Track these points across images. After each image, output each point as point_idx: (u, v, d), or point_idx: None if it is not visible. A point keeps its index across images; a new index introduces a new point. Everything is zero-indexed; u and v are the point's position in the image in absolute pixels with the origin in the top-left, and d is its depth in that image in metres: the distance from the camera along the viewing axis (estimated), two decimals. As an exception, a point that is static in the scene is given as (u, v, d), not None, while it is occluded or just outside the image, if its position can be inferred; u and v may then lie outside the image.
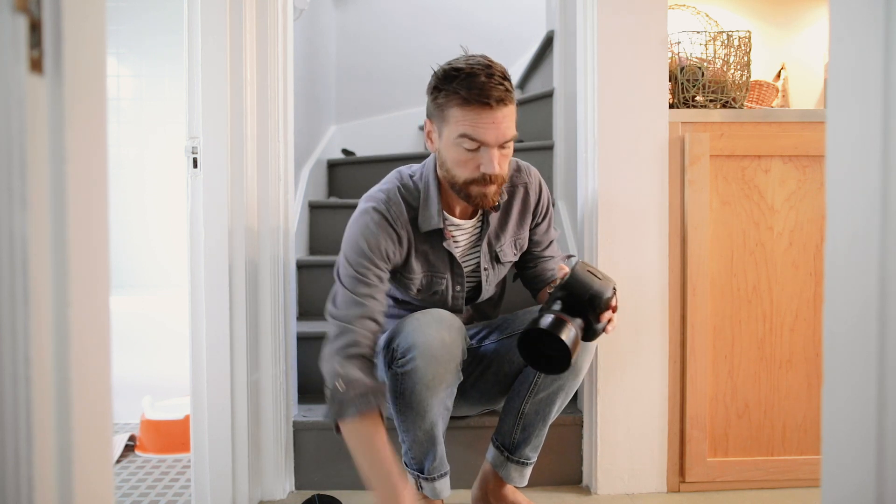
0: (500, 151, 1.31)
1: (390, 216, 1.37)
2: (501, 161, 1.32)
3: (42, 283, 0.54)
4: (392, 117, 3.35)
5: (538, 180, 1.54)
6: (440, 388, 1.30)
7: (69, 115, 0.56)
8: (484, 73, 1.27)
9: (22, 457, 0.53)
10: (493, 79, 1.27)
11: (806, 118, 1.66)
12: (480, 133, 1.28)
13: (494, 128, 1.28)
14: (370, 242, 1.35)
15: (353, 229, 1.38)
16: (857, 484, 0.58)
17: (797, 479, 1.66)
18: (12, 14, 0.52)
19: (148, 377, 2.21)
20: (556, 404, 1.43)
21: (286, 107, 1.69)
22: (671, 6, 1.86)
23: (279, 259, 1.65)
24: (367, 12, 3.43)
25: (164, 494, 1.70)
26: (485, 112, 1.27)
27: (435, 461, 1.39)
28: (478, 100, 1.26)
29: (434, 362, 1.27)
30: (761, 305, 1.66)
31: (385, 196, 1.40)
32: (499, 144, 1.30)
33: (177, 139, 2.56)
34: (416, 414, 1.32)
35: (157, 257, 2.75)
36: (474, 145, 1.29)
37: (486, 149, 1.29)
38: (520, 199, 1.50)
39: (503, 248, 1.49)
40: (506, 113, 1.29)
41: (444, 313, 1.34)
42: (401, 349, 1.31)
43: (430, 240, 1.42)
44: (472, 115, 1.27)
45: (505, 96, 1.28)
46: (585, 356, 1.39)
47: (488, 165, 1.29)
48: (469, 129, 1.28)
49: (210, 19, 1.50)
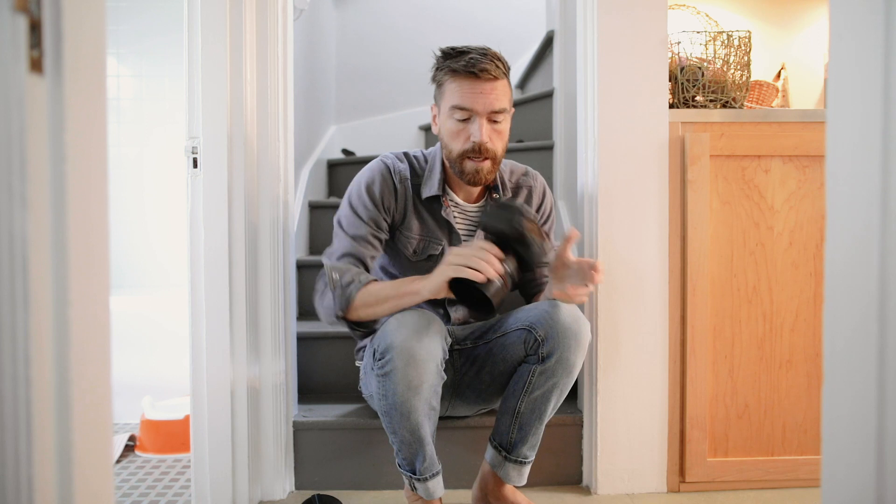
0: (490, 125, 1.41)
1: (393, 170, 1.50)
2: (493, 136, 1.41)
3: (42, 283, 0.54)
4: (392, 117, 3.35)
5: (543, 186, 1.63)
6: (422, 388, 1.31)
7: (69, 115, 0.56)
8: (477, 51, 1.40)
9: (22, 457, 0.53)
10: (485, 56, 1.39)
11: (806, 118, 1.66)
12: (469, 101, 1.39)
13: (483, 97, 1.38)
14: (371, 189, 1.48)
15: (359, 177, 1.52)
16: (857, 484, 0.58)
17: (797, 479, 1.66)
18: (12, 14, 0.52)
19: (148, 377, 2.21)
20: (551, 402, 1.43)
21: (286, 107, 1.69)
22: (671, 6, 1.86)
23: (279, 259, 1.65)
24: (367, 12, 3.43)
25: (164, 494, 1.70)
26: (474, 82, 1.38)
27: (425, 461, 1.39)
28: (465, 69, 1.38)
29: (413, 363, 1.28)
30: (761, 305, 1.66)
31: (394, 156, 1.54)
32: (487, 113, 1.39)
33: (176, 139, 2.56)
34: (401, 415, 1.33)
35: (157, 257, 2.75)
36: (465, 115, 1.40)
37: (476, 118, 1.40)
38: (523, 199, 1.58)
39: None
40: (495, 85, 1.40)
41: (425, 313, 1.35)
42: (379, 350, 1.32)
43: (430, 206, 1.52)
44: (463, 84, 1.39)
45: (494, 71, 1.39)
46: (578, 352, 1.39)
47: (476, 133, 1.39)
48: (458, 99, 1.40)
49: (210, 19, 1.50)
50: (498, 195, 1.54)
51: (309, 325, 1.99)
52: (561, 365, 1.38)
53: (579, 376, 1.70)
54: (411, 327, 1.30)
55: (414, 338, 1.29)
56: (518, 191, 1.59)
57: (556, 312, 1.39)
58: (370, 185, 1.48)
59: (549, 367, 1.39)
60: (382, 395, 1.33)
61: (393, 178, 1.50)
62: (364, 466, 1.68)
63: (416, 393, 1.31)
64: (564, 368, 1.39)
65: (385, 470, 1.67)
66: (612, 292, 1.64)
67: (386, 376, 1.31)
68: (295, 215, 1.87)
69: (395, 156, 1.55)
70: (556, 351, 1.38)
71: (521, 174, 1.61)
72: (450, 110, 1.41)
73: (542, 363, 1.39)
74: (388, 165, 1.51)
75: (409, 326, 1.30)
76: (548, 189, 1.64)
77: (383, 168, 1.50)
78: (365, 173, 1.51)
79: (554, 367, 1.39)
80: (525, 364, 1.43)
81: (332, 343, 1.93)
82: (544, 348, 1.39)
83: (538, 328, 1.39)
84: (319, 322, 2.05)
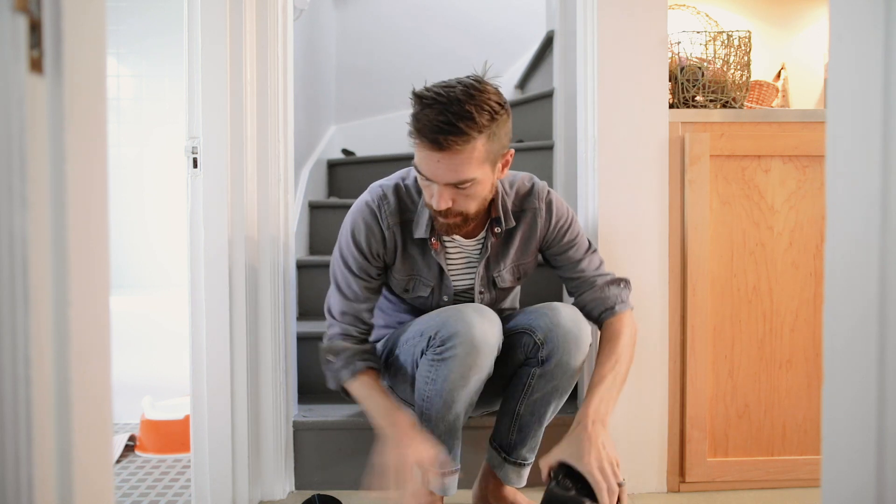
0: (453, 190, 1.26)
1: (380, 215, 1.40)
2: (459, 198, 1.28)
3: (42, 283, 0.54)
4: (392, 117, 3.35)
5: (549, 203, 1.46)
6: (473, 379, 1.31)
7: (69, 115, 0.56)
8: (447, 108, 1.19)
9: (22, 457, 0.53)
10: (456, 116, 1.18)
11: (806, 118, 1.66)
12: (427, 170, 1.25)
13: (442, 169, 1.23)
14: (357, 239, 1.41)
15: (346, 222, 1.45)
16: (857, 484, 0.58)
17: (797, 479, 1.66)
18: (12, 14, 0.52)
19: (148, 377, 2.21)
20: (551, 405, 1.43)
21: (286, 107, 1.69)
22: (671, 6, 1.86)
23: (279, 259, 1.65)
24: (367, 12, 3.42)
25: (164, 494, 1.70)
26: (430, 151, 1.22)
27: (450, 455, 1.38)
28: (422, 136, 1.22)
29: (474, 352, 1.28)
30: (761, 305, 1.66)
31: (381, 192, 1.42)
32: (446, 184, 1.25)
33: (177, 139, 2.56)
34: (444, 403, 1.32)
35: (157, 257, 2.75)
36: (426, 180, 1.28)
37: (436, 185, 1.27)
38: (526, 225, 1.46)
39: (502, 273, 1.49)
40: (460, 158, 1.22)
41: (487, 309, 1.35)
42: (440, 336, 1.30)
43: (421, 246, 1.44)
44: (422, 151, 1.24)
45: (459, 140, 1.19)
46: (578, 356, 1.38)
47: (432, 200, 1.29)
48: (419, 163, 1.27)
49: (210, 19, 1.50)
50: (500, 229, 1.42)
51: (309, 325, 1.99)
52: (561, 368, 1.37)
53: (580, 377, 1.70)
54: (477, 317, 1.30)
55: (479, 328, 1.29)
56: (521, 216, 1.45)
57: (556, 315, 1.38)
58: (356, 234, 1.40)
59: (549, 371, 1.38)
60: (431, 380, 1.32)
61: (380, 223, 1.40)
62: (364, 466, 1.68)
63: (466, 383, 1.31)
64: (564, 372, 1.38)
65: (385, 470, 1.67)
66: (612, 292, 1.64)
67: (443, 362, 1.30)
68: (295, 215, 1.88)
69: (384, 191, 1.41)
70: (555, 354, 1.36)
71: (524, 195, 1.45)
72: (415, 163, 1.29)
73: (541, 366, 1.38)
74: (374, 210, 1.40)
75: (474, 316, 1.30)
76: (556, 202, 1.46)
77: (368, 214, 1.40)
78: (351, 218, 1.42)
79: (553, 371, 1.38)
80: (525, 367, 1.42)
81: (332, 343, 1.92)
82: (544, 351, 1.37)
83: (538, 331, 1.38)
84: (319, 322, 2.05)
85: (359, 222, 1.41)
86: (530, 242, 1.47)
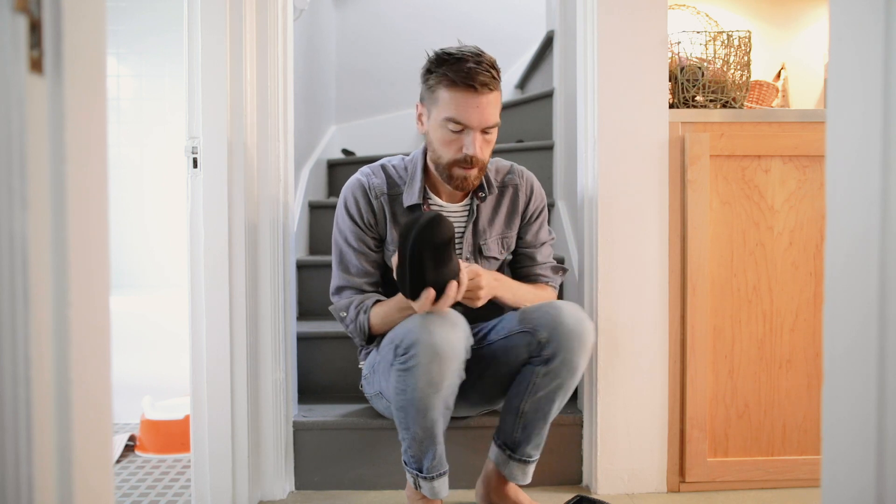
0: (482, 136, 1.41)
1: (369, 187, 1.52)
2: (483, 146, 1.42)
3: (42, 283, 0.54)
4: (392, 117, 3.35)
5: (530, 183, 1.61)
6: (443, 387, 1.31)
7: (69, 115, 0.56)
8: (473, 59, 1.37)
9: (22, 457, 0.53)
10: (481, 65, 1.37)
11: (806, 118, 1.66)
12: (465, 116, 1.38)
13: (479, 112, 1.38)
14: (349, 209, 1.52)
15: (339, 202, 1.56)
16: (857, 484, 0.58)
17: (797, 479, 1.66)
18: (12, 14, 0.52)
19: (147, 377, 2.21)
20: (555, 402, 1.43)
21: (286, 107, 1.69)
22: (671, 6, 1.86)
23: (279, 259, 1.65)
24: (366, 12, 3.42)
25: (164, 494, 1.70)
26: (470, 96, 1.37)
27: (434, 460, 1.39)
28: (464, 83, 1.36)
29: (437, 359, 1.28)
30: (761, 305, 1.66)
31: (369, 170, 1.56)
32: (482, 128, 1.40)
33: (176, 139, 2.56)
34: (418, 411, 1.32)
35: (157, 257, 2.75)
36: (459, 127, 1.39)
37: (470, 131, 1.39)
38: (509, 198, 1.58)
39: (488, 242, 1.55)
40: (490, 99, 1.39)
41: (451, 312, 1.35)
42: (403, 345, 1.31)
43: (411, 215, 1.50)
44: (458, 97, 1.37)
45: (491, 82, 1.38)
46: (582, 354, 1.39)
47: (470, 147, 1.40)
48: (454, 112, 1.38)
49: (210, 19, 1.50)
50: (484, 194, 1.53)
51: (309, 325, 1.99)
52: (565, 366, 1.38)
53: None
54: (438, 325, 1.30)
55: (440, 335, 1.29)
56: (504, 189, 1.58)
57: (559, 314, 1.39)
58: (348, 206, 1.53)
59: (554, 369, 1.39)
60: (401, 391, 1.33)
61: (369, 195, 1.52)
62: (364, 466, 1.68)
63: (436, 390, 1.31)
64: (568, 370, 1.39)
65: (385, 470, 1.67)
66: (612, 292, 1.64)
67: (408, 371, 1.30)
68: (295, 215, 1.87)
69: (372, 171, 1.56)
70: (559, 353, 1.38)
71: (505, 172, 1.60)
72: (444, 120, 1.40)
73: (546, 364, 1.39)
74: (364, 183, 1.53)
75: (435, 323, 1.30)
76: (536, 186, 1.62)
77: (357, 188, 1.53)
78: (342, 195, 1.55)
79: (558, 369, 1.39)
80: (529, 365, 1.43)
81: (332, 343, 1.93)
82: (548, 350, 1.39)
83: (541, 330, 1.39)
84: (319, 322, 2.05)
85: (349, 196, 1.53)
86: (514, 215, 1.59)
